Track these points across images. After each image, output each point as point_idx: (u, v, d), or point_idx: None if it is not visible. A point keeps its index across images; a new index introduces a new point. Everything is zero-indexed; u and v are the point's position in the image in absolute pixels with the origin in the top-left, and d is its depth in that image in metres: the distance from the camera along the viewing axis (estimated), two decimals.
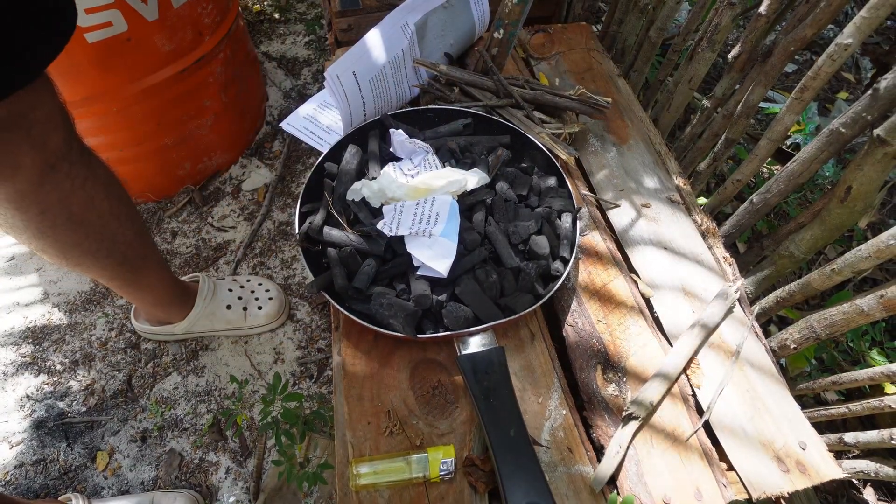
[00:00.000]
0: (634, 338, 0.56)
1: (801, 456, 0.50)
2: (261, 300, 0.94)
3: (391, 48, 0.65)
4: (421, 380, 0.52)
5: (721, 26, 0.69)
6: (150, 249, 0.74)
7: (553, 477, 0.47)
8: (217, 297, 0.91)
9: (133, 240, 0.67)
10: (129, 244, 0.67)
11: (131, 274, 0.72)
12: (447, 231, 0.52)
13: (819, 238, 0.60)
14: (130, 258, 0.69)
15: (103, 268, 0.67)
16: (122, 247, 0.66)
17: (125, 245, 0.66)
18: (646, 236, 0.66)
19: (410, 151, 0.61)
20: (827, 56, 0.51)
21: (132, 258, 0.69)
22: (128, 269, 0.70)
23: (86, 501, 0.74)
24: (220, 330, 0.93)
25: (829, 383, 0.62)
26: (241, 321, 0.92)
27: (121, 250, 0.66)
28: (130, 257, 0.69)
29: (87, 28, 0.80)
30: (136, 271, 0.72)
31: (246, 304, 0.93)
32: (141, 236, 0.70)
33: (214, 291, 0.91)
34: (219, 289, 0.93)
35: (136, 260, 0.70)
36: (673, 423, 0.51)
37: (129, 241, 0.66)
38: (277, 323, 0.96)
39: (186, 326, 0.90)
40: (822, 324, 0.59)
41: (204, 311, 0.90)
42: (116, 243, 0.65)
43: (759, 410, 0.53)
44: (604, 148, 0.76)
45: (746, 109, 0.68)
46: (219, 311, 0.91)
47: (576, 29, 0.94)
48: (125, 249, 0.67)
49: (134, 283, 0.75)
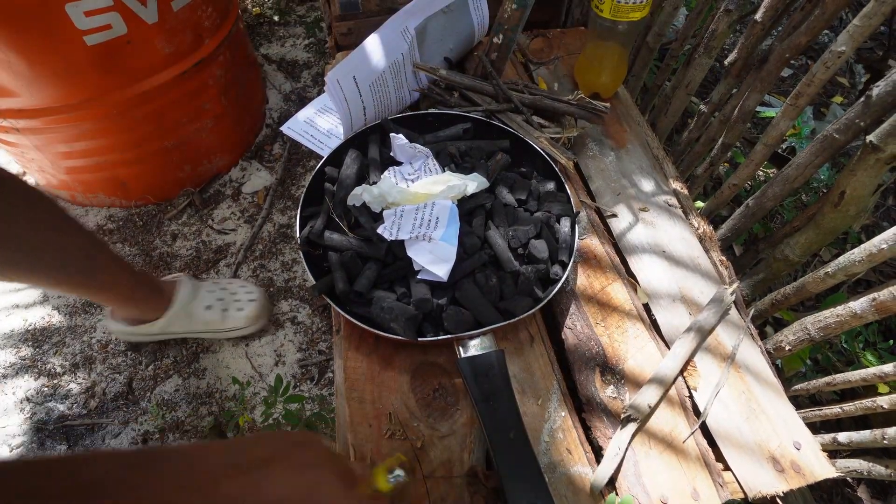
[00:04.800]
0: (632, 341, 0.57)
1: (796, 456, 0.51)
2: (241, 302, 0.93)
3: (391, 53, 0.66)
4: (422, 382, 0.53)
5: (718, 32, 0.69)
6: (98, 250, 0.72)
7: (553, 478, 0.48)
8: (197, 298, 0.90)
9: (68, 245, 0.66)
10: (64, 249, 0.66)
11: (83, 277, 0.71)
12: (447, 235, 0.53)
13: (813, 241, 0.61)
14: (73, 263, 0.68)
15: (47, 278, 0.67)
16: (60, 254, 0.65)
17: (61, 251, 0.65)
18: (643, 240, 0.67)
19: (410, 156, 0.62)
20: (821, 63, 0.52)
21: (75, 263, 0.68)
22: (73, 274, 0.69)
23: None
24: (198, 331, 0.92)
25: (824, 384, 0.63)
26: (219, 322, 0.90)
27: (58, 257, 0.65)
28: (72, 262, 0.68)
29: (86, 31, 0.80)
30: (87, 274, 0.71)
31: (226, 305, 0.91)
32: (80, 240, 0.68)
33: (195, 292, 0.90)
34: (200, 289, 0.91)
35: (81, 262, 0.69)
36: (670, 424, 0.52)
37: (65, 246, 0.65)
38: (257, 326, 0.95)
39: (163, 325, 0.88)
40: (817, 326, 0.60)
41: (182, 310, 0.88)
42: (53, 252, 0.64)
43: (755, 412, 0.54)
44: (602, 152, 0.76)
45: (742, 115, 0.69)
46: (197, 312, 0.89)
47: (575, 34, 0.95)
48: (62, 256, 0.66)
49: (87, 285, 0.74)
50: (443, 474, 0.47)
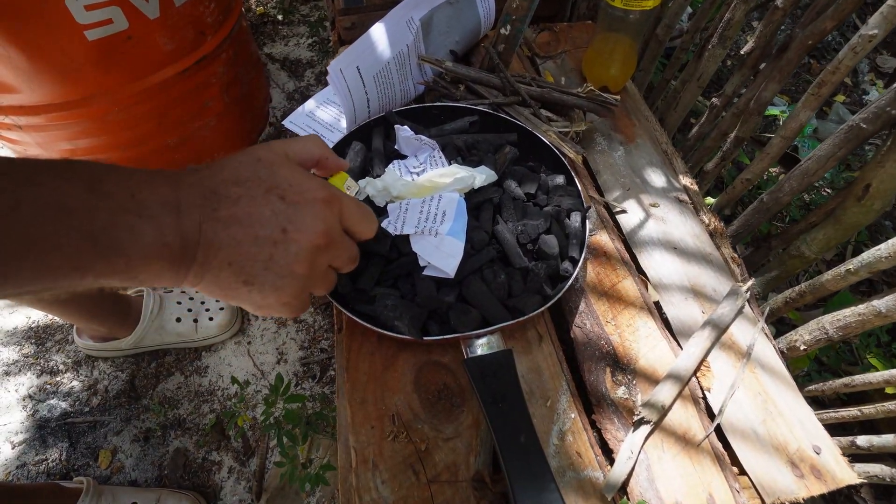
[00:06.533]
0: (644, 339, 0.55)
1: (816, 460, 0.49)
2: (211, 311, 0.93)
3: (396, 43, 0.65)
4: (426, 383, 0.51)
5: (734, 21, 0.67)
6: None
7: (562, 482, 0.46)
8: (165, 311, 0.90)
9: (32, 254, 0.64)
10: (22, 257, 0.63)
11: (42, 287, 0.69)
12: (454, 230, 0.51)
13: (832, 237, 0.59)
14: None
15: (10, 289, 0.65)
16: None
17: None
18: (654, 236, 0.65)
19: (416, 148, 0.60)
20: (849, 48, 0.49)
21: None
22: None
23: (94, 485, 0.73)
24: (172, 343, 0.92)
25: (841, 385, 0.61)
26: (192, 333, 0.91)
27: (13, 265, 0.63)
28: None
29: (86, 25, 0.79)
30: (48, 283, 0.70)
31: (196, 315, 0.92)
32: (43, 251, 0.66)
33: (161, 305, 0.90)
34: (166, 302, 0.91)
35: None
36: (684, 426, 0.50)
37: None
38: (230, 332, 0.95)
39: (134, 341, 0.89)
40: (835, 325, 0.57)
41: (151, 325, 0.88)
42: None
43: (772, 413, 0.52)
44: (611, 147, 0.74)
45: (758, 106, 0.67)
46: (168, 325, 0.90)
47: (582, 28, 0.93)
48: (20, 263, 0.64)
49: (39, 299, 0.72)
50: (447, 478, 0.46)
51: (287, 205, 0.31)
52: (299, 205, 0.31)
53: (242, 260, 0.30)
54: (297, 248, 0.31)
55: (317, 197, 0.32)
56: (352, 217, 0.34)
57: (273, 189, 0.30)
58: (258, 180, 0.30)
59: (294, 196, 0.31)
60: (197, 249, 0.28)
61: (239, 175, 0.30)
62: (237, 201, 0.29)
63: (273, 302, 0.32)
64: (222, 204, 0.29)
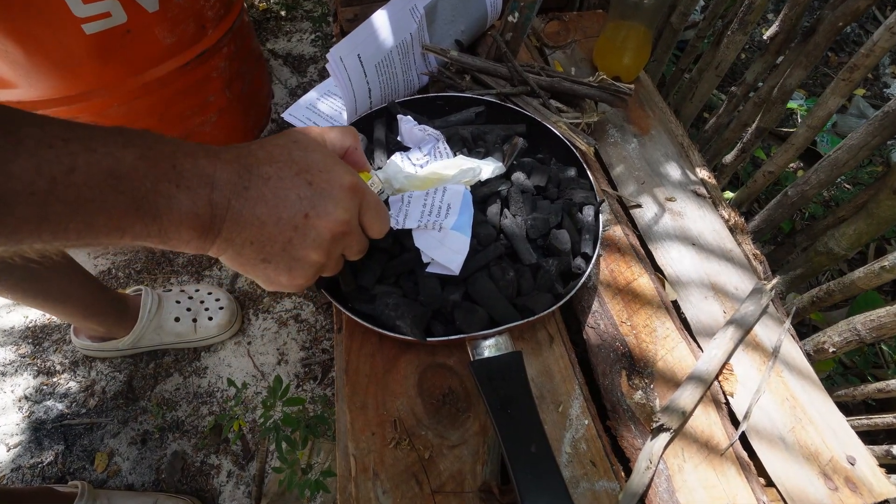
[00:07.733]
0: (661, 340, 0.52)
1: (851, 472, 0.46)
2: (211, 310, 0.91)
3: (399, 31, 0.62)
4: (430, 386, 0.48)
5: (756, 5, 0.64)
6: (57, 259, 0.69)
7: (575, 494, 0.43)
8: (163, 310, 0.88)
9: None
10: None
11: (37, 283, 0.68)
12: (459, 224, 0.48)
13: (864, 233, 0.55)
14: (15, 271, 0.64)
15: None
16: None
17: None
18: (671, 232, 0.62)
19: (420, 140, 0.57)
20: (886, 28, 0.46)
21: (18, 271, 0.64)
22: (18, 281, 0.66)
23: (89, 489, 0.71)
24: (170, 343, 0.90)
25: (875, 390, 0.57)
26: (191, 333, 0.89)
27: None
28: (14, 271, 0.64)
29: (84, 19, 0.77)
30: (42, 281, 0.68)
31: (195, 315, 0.90)
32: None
33: (160, 304, 0.88)
34: (164, 301, 0.89)
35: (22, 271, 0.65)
36: (706, 434, 0.47)
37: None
38: (230, 332, 0.93)
39: (132, 341, 0.87)
40: (868, 326, 0.54)
41: (150, 324, 0.86)
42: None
43: (801, 420, 0.49)
44: (624, 139, 0.71)
45: (782, 95, 0.63)
46: (167, 324, 0.88)
47: (591, 17, 0.90)
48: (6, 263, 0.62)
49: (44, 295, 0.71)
50: (452, 489, 0.42)
51: (313, 191, 0.32)
52: (325, 191, 0.33)
53: (263, 240, 0.32)
54: (315, 235, 0.33)
55: (343, 184, 0.34)
56: (369, 212, 0.36)
57: (303, 172, 0.32)
58: (291, 162, 0.32)
59: (321, 182, 0.33)
60: (223, 224, 0.30)
61: (273, 155, 0.32)
62: (267, 181, 0.31)
63: (284, 280, 0.35)
64: (253, 182, 0.31)
